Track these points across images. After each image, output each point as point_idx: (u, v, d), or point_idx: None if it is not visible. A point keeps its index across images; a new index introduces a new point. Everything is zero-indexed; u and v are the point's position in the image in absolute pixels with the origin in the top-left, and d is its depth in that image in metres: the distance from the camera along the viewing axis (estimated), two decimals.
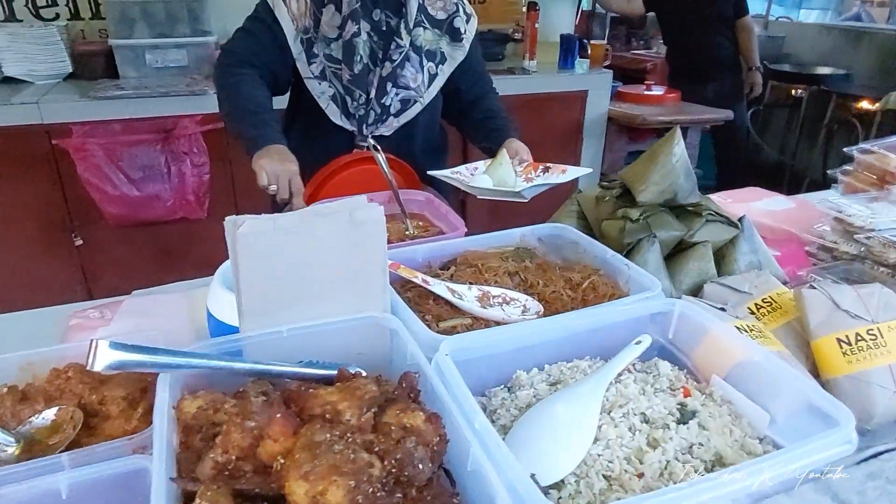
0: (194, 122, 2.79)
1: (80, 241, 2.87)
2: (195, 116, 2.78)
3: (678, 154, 0.99)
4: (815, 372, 0.84)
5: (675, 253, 1.01)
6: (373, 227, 0.73)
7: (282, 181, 1.22)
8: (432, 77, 1.52)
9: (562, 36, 3.44)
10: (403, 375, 0.64)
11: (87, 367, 0.58)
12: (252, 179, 1.36)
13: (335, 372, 0.66)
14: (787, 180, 4.69)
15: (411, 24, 1.44)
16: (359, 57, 1.41)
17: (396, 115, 1.50)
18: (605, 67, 3.57)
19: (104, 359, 0.58)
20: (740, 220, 1.04)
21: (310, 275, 0.72)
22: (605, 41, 3.62)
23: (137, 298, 0.99)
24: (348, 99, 1.45)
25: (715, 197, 1.48)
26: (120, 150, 2.71)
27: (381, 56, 1.44)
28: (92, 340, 0.59)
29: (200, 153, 2.87)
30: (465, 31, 1.53)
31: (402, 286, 0.89)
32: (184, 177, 2.88)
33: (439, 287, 0.86)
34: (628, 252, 0.97)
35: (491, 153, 1.46)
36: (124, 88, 2.80)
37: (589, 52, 3.51)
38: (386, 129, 1.51)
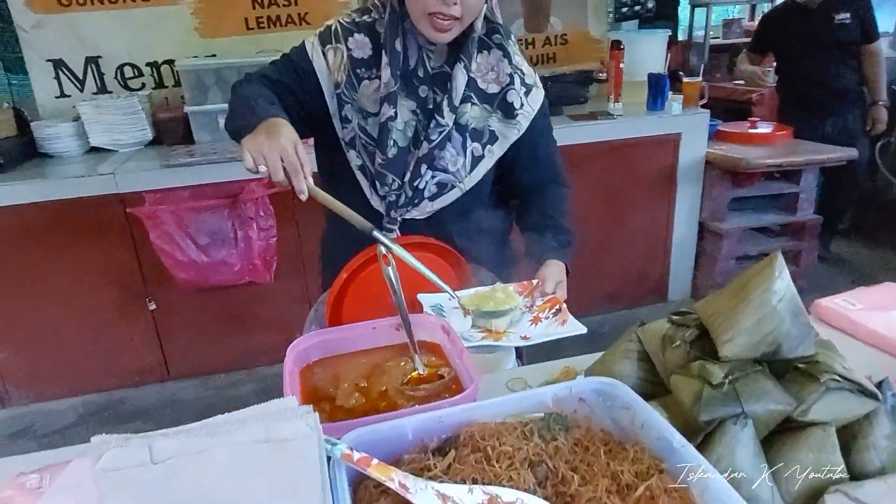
0: (261, 186, 2.82)
1: (154, 306, 2.97)
2: (262, 179, 2.77)
3: (781, 291, 0.68)
4: None
5: (780, 431, 0.69)
6: (303, 446, 0.50)
7: (270, 160, 0.99)
8: (476, 159, 1.30)
9: (650, 75, 3.12)
10: None
11: None
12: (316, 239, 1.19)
13: None
14: None
15: (457, 102, 1.24)
16: (392, 142, 1.23)
17: (431, 199, 1.30)
18: (703, 106, 3.20)
19: None
20: (879, 385, 0.70)
21: None
22: (701, 77, 3.24)
23: (85, 461, 0.82)
24: (377, 182, 1.27)
25: (838, 300, 1.11)
26: (189, 216, 2.77)
27: (422, 137, 1.25)
28: None
29: (267, 216, 2.89)
30: (522, 104, 1.29)
31: (377, 485, 0.65)
32: (250, 241, 2.90)
33: (424, 496, 0.62)
34: (708, 434, 0.68)
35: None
36: (195, 154, 2.83)
37: (682, 87, 3.16)
38: (418, 213, 1.30)
